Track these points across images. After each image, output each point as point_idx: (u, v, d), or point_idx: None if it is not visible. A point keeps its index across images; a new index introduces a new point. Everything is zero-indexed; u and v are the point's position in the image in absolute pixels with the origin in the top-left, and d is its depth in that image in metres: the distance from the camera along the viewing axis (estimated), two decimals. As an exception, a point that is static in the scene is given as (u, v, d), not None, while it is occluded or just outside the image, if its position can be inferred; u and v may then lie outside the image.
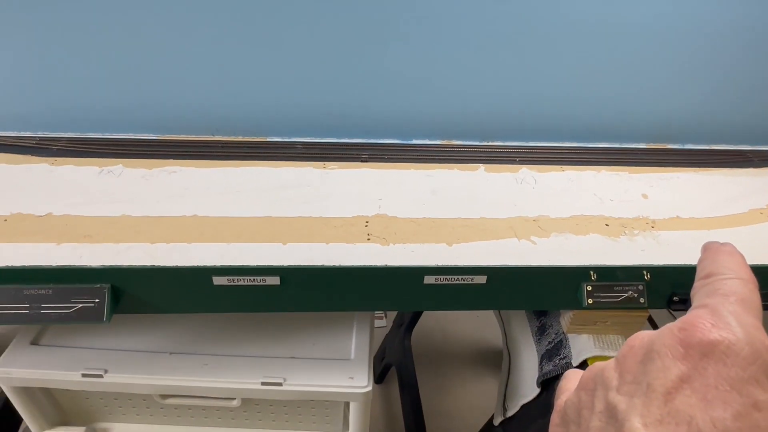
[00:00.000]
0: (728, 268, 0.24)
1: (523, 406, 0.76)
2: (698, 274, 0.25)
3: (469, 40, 0.73)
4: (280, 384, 0.62)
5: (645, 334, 0.23)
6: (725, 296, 0.22)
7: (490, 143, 0.83)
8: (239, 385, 0.63)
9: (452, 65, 0.75)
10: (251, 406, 0.69)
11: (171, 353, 0.65)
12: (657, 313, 0.74)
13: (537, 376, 0.72)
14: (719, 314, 0.21)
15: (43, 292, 0.54)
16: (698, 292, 0.24)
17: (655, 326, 1.26)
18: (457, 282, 0.58)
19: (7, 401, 0.68)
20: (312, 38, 0.71)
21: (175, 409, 0.69)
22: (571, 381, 0.28)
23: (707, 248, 0.26)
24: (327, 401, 0.68)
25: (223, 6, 0.68)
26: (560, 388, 0.28)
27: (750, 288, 0.23)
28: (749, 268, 0.24)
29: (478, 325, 1.51)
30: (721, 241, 0.26)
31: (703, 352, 0.20)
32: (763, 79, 0.80)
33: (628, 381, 0.22)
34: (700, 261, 0.26)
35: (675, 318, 0.22)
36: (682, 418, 0.19)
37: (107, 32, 0.69)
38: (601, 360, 0.67)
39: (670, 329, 0.21)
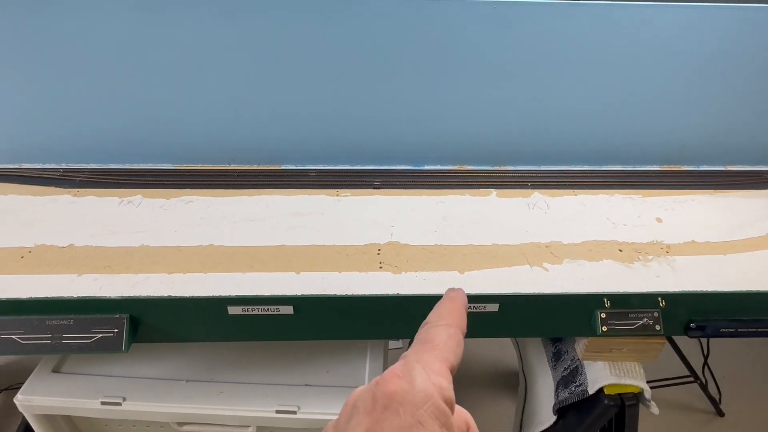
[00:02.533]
0: (440, 315, 0.27)
1: (540, 434, 0.75)
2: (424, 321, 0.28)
3: (479, 66, 0.74)
4: (294, 412, 0.63)
5: (357, 391, 0.24)
6: (423, 344, 0.25)
7: (501, 168, 0.83)
8: (254, 413, 0.63)
9: (462, 91, 0.76)
10: (266, 433, 0.69)
11: (187, 381, 0.66)
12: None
13: (553, 403, 0.71)
14: (408, 365, 0.23)
15: (64, 322, 0.56)
16: (414, 340, 0.26)
17: (678, 351, 1.23)
18: (470, 310, 0.58)
19: (27, 427, 0.70)
20: (324, 68, 0.73)
21: (192, 436, 0.70)
22: None
23: (445, 294, 0.29)
24: (341, 429, 0.68)
25: (237, 41, 0.70)
26: None
27: (449, 333, 0.26)
28: (462, 313, 0.27)
29: (495, 348, 1.49)
30: (456, 287, 0.30)
31: (385, 404, 0.21)
32: (779, 99, 0.80)
33: (336, 425, 0.23)
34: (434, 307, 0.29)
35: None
36: None
37: (127, 67, 0.72)
38: (618, 388, 0.65)
39: (372, 383, 0.23)
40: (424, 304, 0.58)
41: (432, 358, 0.24)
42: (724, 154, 0.85)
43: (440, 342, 0.25)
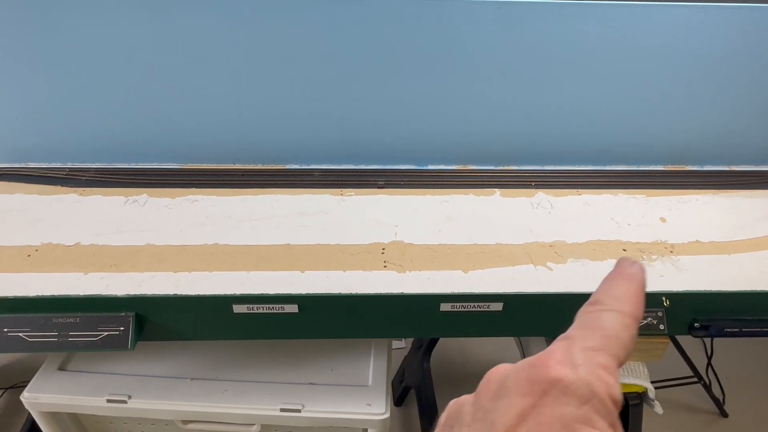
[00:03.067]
0: (615, 297, 0.23)
1: (544, 434, 0.75)
2: (591, 297, 0.24)
3: (483, 66, 0.74)
4: (298, 410, 0.63)
5: (503, 368, 0.22)
6: (591, 330, 0.22)
7: (505, 167, 0.83)
8: (258, 412, 0.64)
9: (466, 91, 0.76)
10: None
11: (192, 379, 0.66)
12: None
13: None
14: (570, 351, 0.21)
15: (71, 320, 0.56)
16: (577, 319, 0.23)
17: (682, 351, 1.23)
18: (474, 309, 0.58)
19: (33, 425, 0.70)
20: (328, 67, 0.73)
21: (196, 434, 0.70)
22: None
23: (616, 266, 0.25)
24: (345, 428, 0.68)
25: (241, 41, 0.70)
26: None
27: (624, 322, 0.22)
28: (640, 298, 0.23)
29: (499, 347, 1.49)
30: (634, 261, 0.25)
31: (544, 389, 0.20)
32: (783, 99, 0.80)
33: (479, 418, 0.21)
34: (603, 280, 0.25)
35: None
36: None
37: (133, 67, 0.72)
38: (622, 387, 0.66)
39: (524, 364, 0.21)
40: (429, 303, 0.58)
41: (600, 350, 0.21)
42: (729, 154, 0.85)
43: (612, 332, 0.22)
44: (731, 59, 0.75)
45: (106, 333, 0.56)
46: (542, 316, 0.60)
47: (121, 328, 0.56)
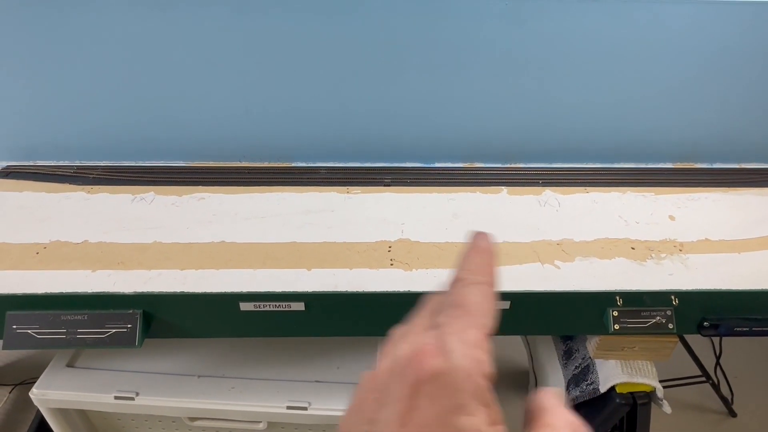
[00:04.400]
0: (471, 271, 0.24)
1: (551, 432, 0.74)
2: (452, 276, 0.24)
3: (490, 63, 0.74)
4: (305, 408, 0.63)
5: (379, 375, 0.21)
6: (457, 310, 0.22)
7: (512, 165, 0.83)
8: (265, 409, 0.64)
9: (473, 88, 0.76)
10: (277, 429, 0.70)
11: (199, 376, 0.66)
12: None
13: (564, 401, 0.71)
14: (441, 340, 0.20)
15: (79, 317, 0.56)
16: (443, 302, 0.23)
17: (690, 350, 1.22)
18: (480, 307, 0.58)
19: (42, 421, 0.70)
20: (334, 65, 0.73)
21: (203, 431, 0.71)
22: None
23: (468, 241, 0.25)
24: (351, 425, 0.68)
25: (247, 38, 0.70)
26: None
27: (483, 292, 0.23)
28: (492, 264, 0.24)
29: (503, 344, 1.48)
30: (482, 233, 0.26)
31: (420, 388, 0.19)
32: (794, 96, 0.79)
33: (363, 416, 0.21)
34: (461, 258, 0.25)
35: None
36: None
37: (140, 65, 0.72)
38: (630, 386, 0.65)
39: (399, 361, 0.21)
40: (435, 301, 0.58)
41: (467, 327, 0.21)
42: (738, 151, 0.84)
43: (474, 305, 0.22)
44: (740, 56, 0.75)
45: (114, 330, 0.56)
46: (549, 315, 0.60)
47: (129, 326, 0.56)
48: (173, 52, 0.71)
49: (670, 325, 0.58)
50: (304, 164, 0.82)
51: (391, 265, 0.61)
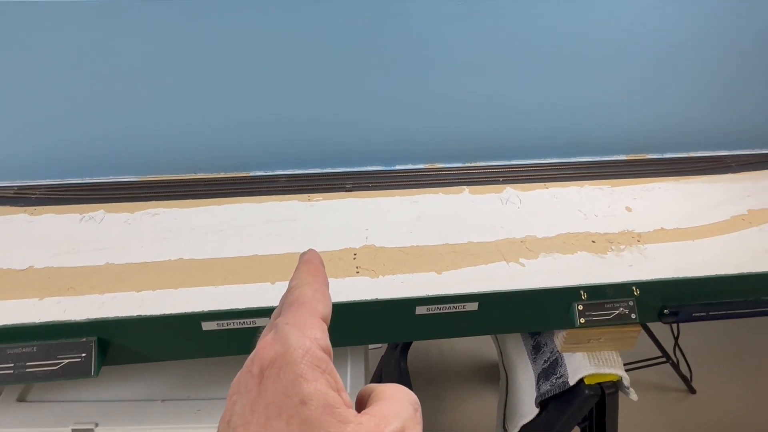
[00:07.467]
0: (298, 278, 0.27)
1: (523, 427, 0.75)
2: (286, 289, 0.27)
3: (446, 63, 0.74)
4: (276, 425, 0.61)
5: (236, 379, 0.23)
6: (289, 306, 0.24)
7: (473, 164, 0.83)
8: (235, 429, 0.62)
9: (431, 89, 0.76)
10: (248, 448, 0.67)
11: (163, 401, 0.63)
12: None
13: (535, 395, 0.71)
14: (278, 329, 0.22)
15: (27, 350, 0.53)
16: (282, 305, 0.26)
17: (650, 333, 1.27)
18: (449, 311, 0.58)
19: (-5, 461, 0.66)
20: (289, 69, 0.71)
21: (171, 456, 0.68)
22: None
23: (299, 262, 0.28)
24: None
25: (197, 45, 0.68)
26: None
27: (314, 288, 0.26)
28: (320, 270, 0.27)
29: (475, 341, 1.50)
30: (307, 250, 0.29)
31: (264, 374, 0.21)
32: (737, 83, 0.82)
33: (225, 420, 0.22)
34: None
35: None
36: None
37: (84, 76, 0.68)
38: (597, 377, 0.66)
39: (246, 364, 0.22)
40: (404, 308, 0.57)
41: (301, 315, 0.24)
42: (687, 141, 0.88)
43: (307, 298, 0.25)
44: (684, 51, 0.77)
45: (67, 361, 0.53)
46: (517, 313, 0.60)
47: (83, 355, 0.53)
48: (120, 61, 0.68)
49: (633, 315, 0.60)
50: (262, 173, 0.79)
51: (357, 272, 0.60)
